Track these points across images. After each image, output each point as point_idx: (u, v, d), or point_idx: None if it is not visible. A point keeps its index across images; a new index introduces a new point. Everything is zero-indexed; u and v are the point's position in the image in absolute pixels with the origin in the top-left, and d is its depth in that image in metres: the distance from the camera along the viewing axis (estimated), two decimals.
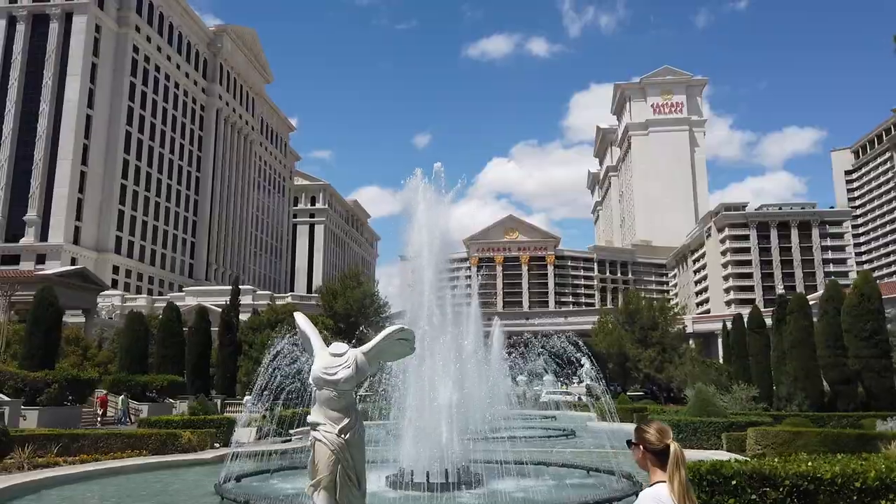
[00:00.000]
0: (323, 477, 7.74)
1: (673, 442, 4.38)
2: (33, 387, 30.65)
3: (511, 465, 18.24)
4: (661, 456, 4.32)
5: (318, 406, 8.04)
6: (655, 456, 4.34)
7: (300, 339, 9.28)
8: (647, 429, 4.45)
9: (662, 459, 4.31)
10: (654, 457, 4.34)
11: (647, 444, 4.38)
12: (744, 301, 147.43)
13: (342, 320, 58.78)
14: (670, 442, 4.36)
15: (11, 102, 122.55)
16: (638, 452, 4.44)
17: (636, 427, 4.58)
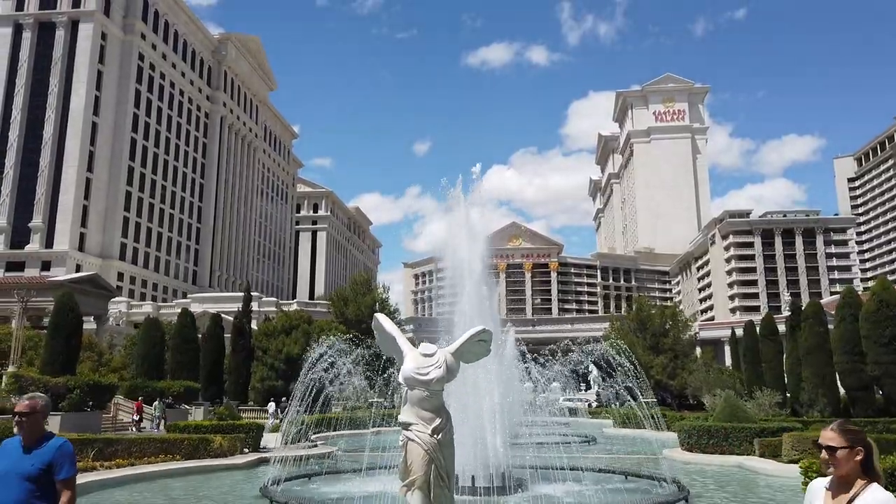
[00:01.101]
0: (417, 477, 7.72)
1: None
2: (55, 392, 30.55)
3: (550, 470, 18.19)
4: (869, 460, 3.81)
5: (409, 406, 8.02)
6: (867, 459, 3.79)
7: (379, 341, 9.26)
8: (857, 429, 3.90)
9: (868, 464, 3.81)
10: (866, 460, 3.78)
11: (867, 446, 3.81)
12: (748, 308, 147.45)
13: (353, 327, 58.61)
14: None
15: (17, 109, 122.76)
16: (849, 458, 3.78)
17: (846, 429, 3.90)
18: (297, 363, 46.75)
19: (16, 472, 5.04)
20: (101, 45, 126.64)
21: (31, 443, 5.23)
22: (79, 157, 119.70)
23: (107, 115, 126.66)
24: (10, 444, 5.27)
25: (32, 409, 5.29)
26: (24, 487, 5.00)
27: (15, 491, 4.99)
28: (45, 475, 5.08)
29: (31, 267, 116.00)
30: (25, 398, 5.41)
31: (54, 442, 5.27)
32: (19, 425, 5.25)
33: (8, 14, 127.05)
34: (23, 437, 5.24)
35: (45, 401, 5.46)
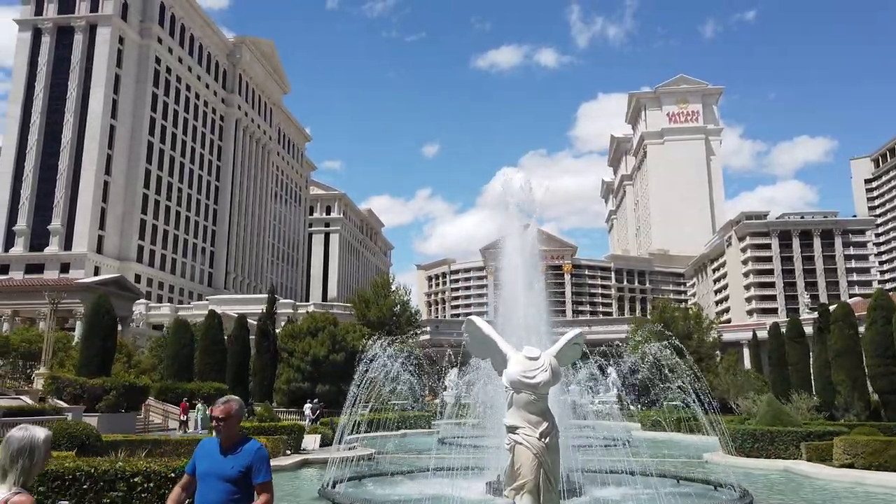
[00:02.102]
0: (527, 481, 7.66)
1: None
2: (91, 393, 30.76)
3: (597, 473, 18.07)
4: None
5: (515, 409, 7.96)
6: None
7: (470, 344, 9.22)
8: None
9: None
10: None
11: None
12: (766, 310, 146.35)
13: (376, 328, 58.72)
14: None
15: (37, 113, 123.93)
16: None
17: None
18: (323, 365, 46.91)
19: (217, 473, 5.18)
20: (118, 49, 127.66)
21: (229, 445, 5.33)
22: (97, 161, 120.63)
23: (124, 119, 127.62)
24: (210, 444, 5.38)
25: (227, 413, 5.38)
26: (224, 489, 5.13)
27: (216, 492, 5.13)
28: (244, 478, 5.20)
29: (51, 269, 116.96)
30: (220, 402, 5.47)
31: (251, 445, 5.37)
32: (216, 429, 5.35)
33: (27, 19, 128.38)
34: (222, 439, 5.34)
35: (238, 404, 5.56)
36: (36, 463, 4.13)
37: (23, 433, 4.22)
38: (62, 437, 16.97)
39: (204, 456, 5.36)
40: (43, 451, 4.20)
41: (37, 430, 4.23)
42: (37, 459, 4.15)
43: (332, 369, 45.65)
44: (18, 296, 54.80)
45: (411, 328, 63.40)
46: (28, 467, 4.08)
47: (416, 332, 64.05)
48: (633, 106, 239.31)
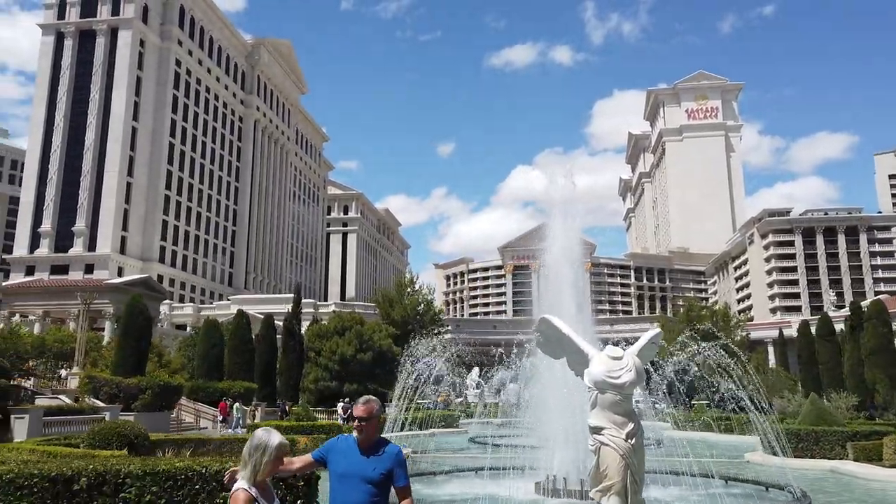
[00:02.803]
0: (615, 482, 7.54)
1: None
2: (127, 393, 31.04)
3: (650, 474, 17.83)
4: None
5: (600, 410, 7.85)
6: None
7: (543, 343, 9.11)
8: None
9: None
10: None
11: None
12: (789, 308, 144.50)
13: (399, 327, 58.78)
14: None
15: (60, 116, 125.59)
16: None
17: None
18: (351, 364, 47.01)
19: (359, 474, 5.13)
20: (139, 52, 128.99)
21: (369, 446, 5.28)
22: (119, 162, 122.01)
23: (145, 121, 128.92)
24: (345, 444, 5.32)
25: (370, 413, 5.36)
26: (367, 490, 5.09)
27: (359, 492, 5.09)
28: (386, 480, 5.18)
29: (75, 270, 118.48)
30: (361, 402, 5.44)
31: (392, 448, 5.34)
32: (358, 429, 5.30)
33: (50, 23, 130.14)
34: (361, 440, 5.26)
35: (378, 404, 5.53)
36: (266, 462, 4.56)
37: (262, 433, 4.73)
38: (112, 436, 17.12)
39: (341, 455, 5.28)
40: (273, 453, 4.63)
41: (274, 435, 4.72)
42: (266, 459, 4.58)
43: (359, 368, 45.75)
44: (48, 296, 55.55)
45: (435, 327, 63.37)
46: (259, 463, 4.54)
47: (440, 332, 63.99)
48: (651, 103, 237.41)
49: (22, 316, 59.22)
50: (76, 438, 19.78)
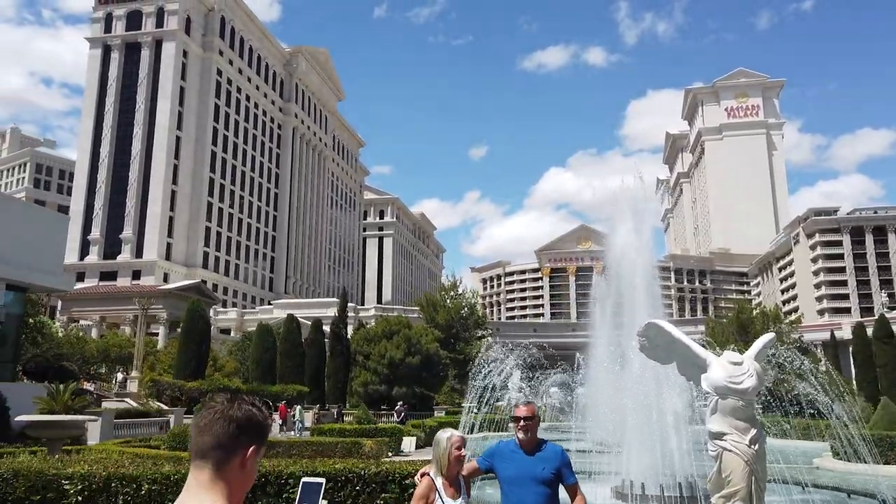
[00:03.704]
0: (739, 489, 7.48)
1: None
2: (189, 396, 31.74)
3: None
4: None
5: (720, 416, 7.78)
6: None
7: (648, 348, 9.07)
8: None
9: None
10: None
11: None
12: (838, 310, 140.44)
13: (444, 331, 58.96)
14: None
15: (108, 127, 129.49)
16: None
17: None
18: (400, 368, 47.32)
19: (530, 476, 5.20)
20: (182, 63, 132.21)
21: (531, 447, 5.33)
22: (164, 171, 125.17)
23: (189, 130, 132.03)
24: (507, 448, 5.41)
25: (532, 412, 5.47)
26: (542, 492, 5.17)
27: (534, 494, 5.16)
28: (556, 480, 5.25)
29: (123, 276, 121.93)
30: (523, 403, 5.53)
31: (554, 447, 5.42)
32: (524, 429, 5.36)
33: (98, 36, 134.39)
34: (525, 440, 5.33)
35: (535, 406, 5.61)
36: (441, 454, 5.07)
37: (440, 432, 5.22)
38: None
39: (506, 460, 5.35)
40: (444, 445, 5.07)
41: (447, 431, 5.22)
42: (439, 452, 5.10)
43: (407, 372, 46.03)
44: (105, 302, 57.35)
45: (479, 330, 63.40)
46: (436, 456, 5.11)
47: (484, 336, 64.02)
48: (689, 102, 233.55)
49: (74, 321, 61.29)
50: (155, 440, 20.36)
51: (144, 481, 6.07)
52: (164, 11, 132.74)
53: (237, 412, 2.16)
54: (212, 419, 2.14)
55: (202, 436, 2.13)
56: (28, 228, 25.74)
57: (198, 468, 2.11)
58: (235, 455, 2.12)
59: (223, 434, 2.11)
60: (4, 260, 24.15)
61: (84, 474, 6.11)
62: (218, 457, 2.10)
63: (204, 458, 2.12)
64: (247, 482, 2.16)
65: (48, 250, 26.73)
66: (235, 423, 2.12)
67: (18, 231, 25.10)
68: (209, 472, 2.10)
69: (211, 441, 2.11)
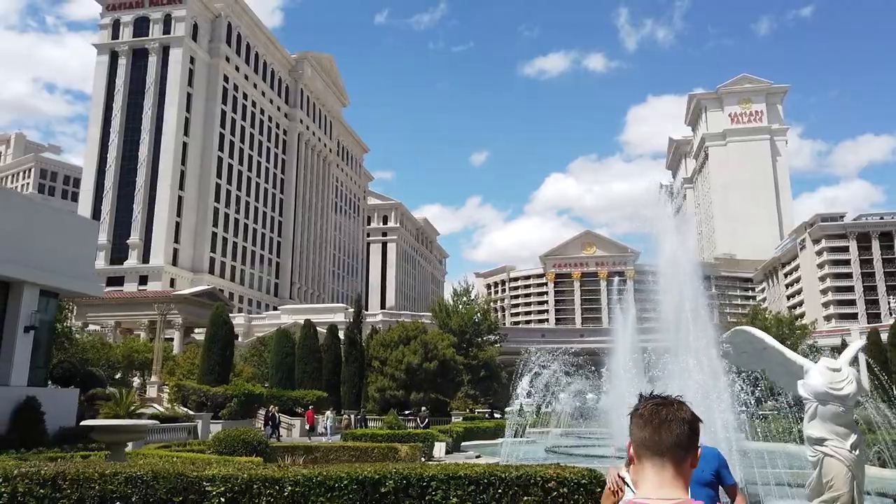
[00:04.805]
0: (841, 494, 7.54)
1: None
2: (214, 401, 31.78)
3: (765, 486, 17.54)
4: None
5: (820, 422, 7.85)
6: None
7: (735, 355, 9.15)
8: None
9: None
10: None
11: None
12: (844, 316, 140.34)
13: (457, 336, 58.95)
14: None
15: (115, 132, 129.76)
16: None
17: None
18: (417, 373, 47.32)
19: (694, 479, 5.24)
20: (189, 69, 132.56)
21: None
22: (171, 177, 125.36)
23: (195, 135, 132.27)
24: None
25: None
26: (706, 494, 5.25)
27: (699, 497, 5.17)
28: (716, 481, 5.37)
29: (130, 281, 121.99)
30: None
31: (710, 449, 5.52)
32: None
33: (105, 43, 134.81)
34: None
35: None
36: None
37: None
38: (237, 442, 17.62)
39: None
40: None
41: None
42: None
43: (424, 377, 46.04)
44: (120, 307, 57.40)
45: (492, 336, 63.41)
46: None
47: (497, 342, 64.03)
48: (692, 107, 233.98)
49: (85, 326, 61.34)
50: (194, 445, 20.41)
51: (287, 483, 6.14)
52: (171, 18, 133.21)
53: (687, 415, 2.35)
54: (666, 421, 2.30)
55: (660, 436, 2.28)
56: (60, 234, 25.86)
57: (658, 466, 2.28)
58: (689, 454, 2.30)
59: (682, 435, 2.28)
60: (39, 266, 24.26)
61: (226, 476, 6.19)
62: (678, 455, 2.28)
63: (662, 456, 2.28)
64: (690, 479, 2.33)
65: (79, 256, 26.84)
66: (689, 425, 2.31)
67: (51, 237, 25.23)
68: (671, 469, 2.27)
69: (670, 441, 2.28)
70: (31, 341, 24.37)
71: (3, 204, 24.54)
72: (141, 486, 6.24)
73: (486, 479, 5.93)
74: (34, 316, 23.92)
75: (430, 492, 5.90)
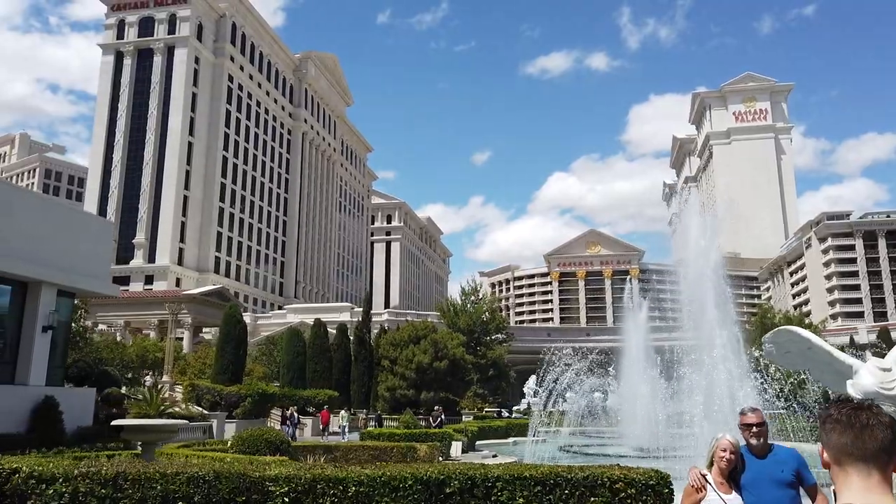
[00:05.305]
0: None
1: None
2: (228, 400, 31.79)
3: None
4: None
5: None
6: None
7: (779, 354, 9.09)
8: None
9: None
10: None
11: None
12: (850, 315, 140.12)
13: (466, 335, 58.95)
14: None
15: (120, 133, 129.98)
16: None
17: None
18: (427, 372, 47.31)
19: (769, 480, 5.29)
20: (194, 69, 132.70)
21: (764, 451, 5.43)
22: (176, 177, 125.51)
23: (201, 135, 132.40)
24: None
25: (762, 419, 5.56)
26: (787, 494, 5.25)
27: (778, 498, 5.22)
28: (796, 481, 5.33)
29: (135, 281, 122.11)
30: (749, 409, 5.59)
31: (788, 450, 5.54)
32: (758, 435, 5.49)
33: (110, 43, 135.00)
34: (759, 445, 5.47)
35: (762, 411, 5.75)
36: (709, 453, 5.42)
37: (720, 433, 5.42)
38: (260, 442, 17.62)
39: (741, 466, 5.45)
40: (712, 445, 5.35)
41: (719, 433, 5.44)
42: (709, 450, 5.43)
43: (435, 376, 46.04)
44: (130, 307, 57.49)
45: (500, 335, 63.40)
46: (708, 455, 5.46)
47: (506, 341, 64.02)
48: (696, 106, 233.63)
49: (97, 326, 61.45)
50: (213, 444, 20.42)
51: (351, 483, 6.12)
52: (176, 18, 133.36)
53: (887, 420, 2.34)
54: (868, 426, 2.30)
55: (863, 441, 2.28)
56: (76, 233, 25.87)
57: (864, 472, 2.29)
58: (893, 459, 2.30)
59: (885, 439, 2.28)
60: (56, 265, 24.27)
61: (289, 476, 6.18)
62: (883, 460, 2.28)
63: (867, 461, 2.28)
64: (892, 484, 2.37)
65: (95, 255, 26.85)
66: (891, 430, 2.30)
67: (67, 236, 25.24)
68: (877, 474, 2.27)
69: (875, 446, 2.28)
70: (48, 341, 24.36)
71: (20, 203, 24.55)
72: (203, 486, 6.24)
73: (553, 479, 5.90)
74: (52, 316, 23.91)
75: (495, 492, 5.87)
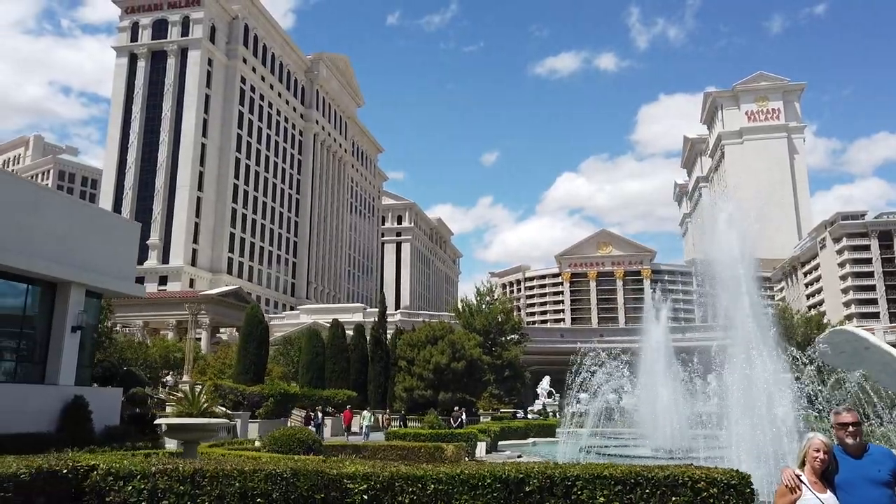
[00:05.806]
0: None
1: None
2: (251, 400, 31.96)
3: None
4: None
5: None
6: None
7: (834, 355, 9.08)
8: None
9: None
10: None
11: None
12: (866, 315, 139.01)
13: (482, 336, 58.93)
14: None
15: (134, 134, 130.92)
16: None
17: None
18: (445, 373, 47.34)
19: (865, 479, 5.31)
20: (207, 71, 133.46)
21: (860, 450, 5.47)
22: (190, 178, 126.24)
23: (213, 137, 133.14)
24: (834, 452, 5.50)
25: (857, 418, 5.63)
26: (879, 493, 5.26)
27: (873, 498, 5.24)
28: (893, 480, 5.34)
29: (150, 282, 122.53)
30: (844, 410, 5.59)
31: (884, 449, 5.57)
32: (853, 434, 5.51)
33: (124, 45, 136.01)
34: (854, 445, 5.48)
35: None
36: (801, 453, 5.53)
37: (810, 433, 5.54)
38: (292, 441, 17.73)
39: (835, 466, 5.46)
40: (804, 446, 5.47)
41: (810, 434, 5.55)
42: (802, 450, 5.57)
43: (452, 377, 46.07)
44: (148, 308, 57.95)
45: (516, 336, 63.35)
46: (800, 454, 5.62)
47: (521, 342, 63.95)
48: (708, 106, 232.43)
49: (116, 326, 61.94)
50: (247, 443, 20.55)
51: (430, 481, 6.17)
52: (189, 20, 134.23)
53: None
54: None
55: None
56: (103, 235, 26.11)
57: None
58: None
59: None
60: (84, 266, 24.51)
61: (367, 473, 6.24)
62: None
63: None
64: None
65: (122, 256, 27.09)
66: None
67: (95, 237, 25.48)
68: None
69: None
70: (77, 341, 24.60)
71: (49, 204, 24.81)
72: (281, 483, 6.31)
73: (633, 478, 5.91)
74: (80, 316, 24.16)
75: (574, 491, 5.89)
